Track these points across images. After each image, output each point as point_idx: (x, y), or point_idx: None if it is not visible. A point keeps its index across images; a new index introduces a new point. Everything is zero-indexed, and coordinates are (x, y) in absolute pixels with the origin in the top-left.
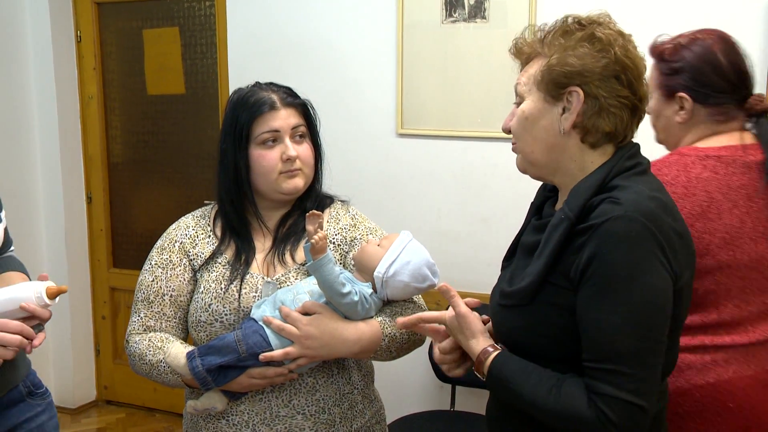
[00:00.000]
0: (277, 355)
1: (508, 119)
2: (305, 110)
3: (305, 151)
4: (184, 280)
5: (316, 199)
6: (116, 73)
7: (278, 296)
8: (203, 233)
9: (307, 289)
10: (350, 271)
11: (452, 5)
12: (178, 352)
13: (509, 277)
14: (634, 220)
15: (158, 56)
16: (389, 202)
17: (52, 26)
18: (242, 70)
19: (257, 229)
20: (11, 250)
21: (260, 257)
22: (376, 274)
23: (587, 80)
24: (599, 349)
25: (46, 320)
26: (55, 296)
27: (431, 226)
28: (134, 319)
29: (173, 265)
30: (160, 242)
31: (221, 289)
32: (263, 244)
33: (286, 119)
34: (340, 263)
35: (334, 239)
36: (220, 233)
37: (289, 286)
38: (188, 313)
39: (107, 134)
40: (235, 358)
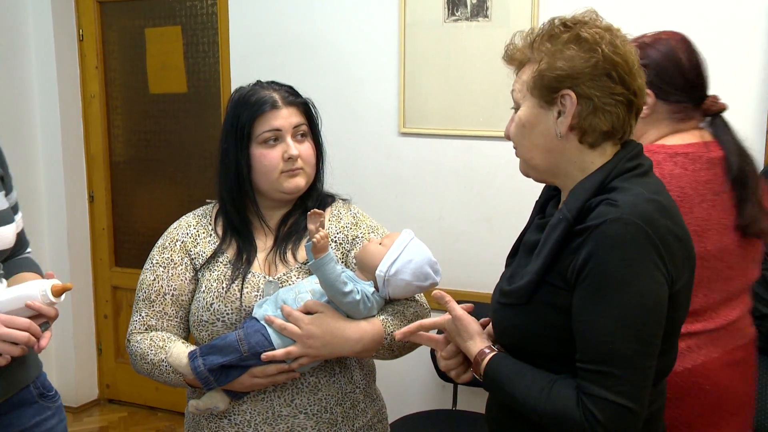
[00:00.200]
0: (279, 354)
1: (509, 125)
2: (307, 109)
3: (307, 150)
4: (185, 279)
5: (317, 198)
6: (118, 71)
7: (280, 295)
8: (204, 232)
9: (308, 288)
10: (352, 269)
11: (454, 4)
12: (179, 351)
13: (509, 275)
14: (630, 223)
15: (160, 55)
16: (391, 201)
17: (54, 25)
18: (244, 68)
19: (259, 228)
20: (28, 251)
21: (262, 256)
22: (377, 272)
23: (578, 82)
24: (591, 350)
25: (52, 318)
26: (60, 294)
27: (433, 224)
28: (135, 318)
29: (174, 264)
30: (161, 241)
31: (223, 288)
32: (265, 243)
33: (287, 118)
34: (342, 262)
35: (335, 238)
36: (221, 232)
37: (290, 285)
38: (190, 312)
39: (109, 133)
40: (237, 357)
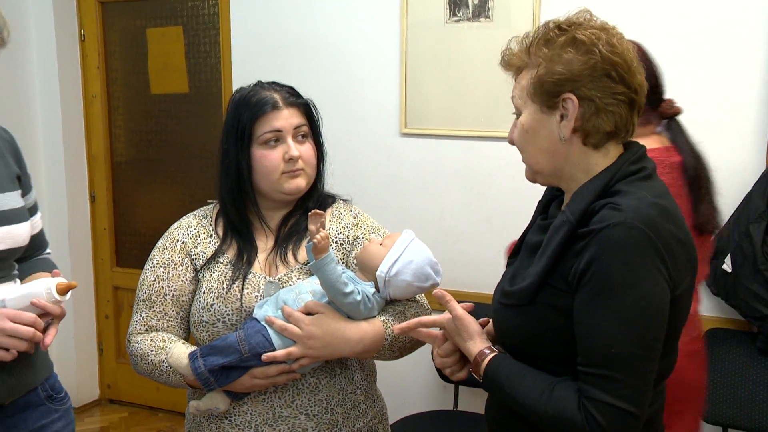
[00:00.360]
0: (279, 355)
1: (512, 131)
2: (307, 110)
3: (307, 151)
4: (185, 279)
5: (318, 198)
6: (120, 71)
7: (280, 296)
8: (205, 233)
9: (309, 288)
10: (353, 270)
11: (456, 4)
12: (180, 352)
13: (511, 275)
14: (633, 227)
15: (162, 55)
16: (392, 201)
17: (55, 25)
18: (246, 69)
19: (259, 228)
20: (47, 252)
21: (262, 257)
22: (378, 273)
23: (578, 84)
24: (593, 354)
25: (58, 316)
26: (65, 292)
27: (434, 225)
28: (136, 318)
29: (175, 264)
30: (161, 242)
31: (223, 288)
32: (265, 243)
33: (288, 119)
34: (342, 262)
35: (336, 238)
36: (221, 233)
37: (291, 285)
38: (190, 313)
39: (111, 133)
40: (237, 358)
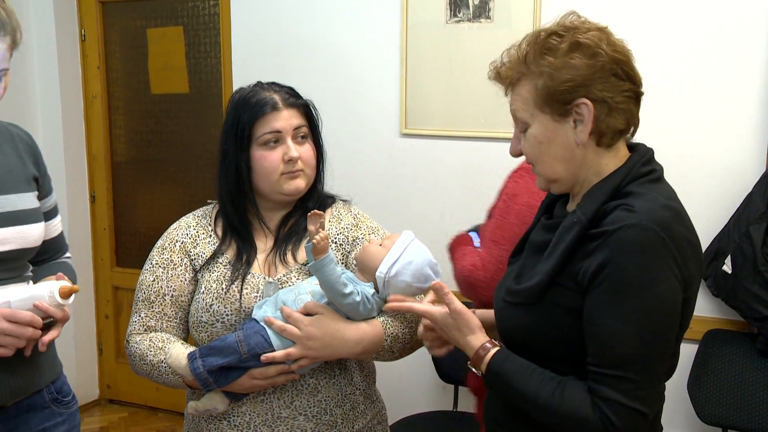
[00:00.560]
0: (278, 355)
1: (514, 144)
2: (307, 111)
3: (307, 151)
4: (185, 280)
5: (317, 199)
6: (120, 72)
7: (280, 296)
8: (204, 233)
9: (308, 289)
10: (352, 271)
11: (457, 5)
12: (179, 352)
13: (517, 274)
14: (648, 229)
15: (162, 55)
16: (393, 202)
17: (56, 25)
18: (246, 69)
19: (258, 229)
20: (66, 256)
21: (262, 257)
22: (377, 274)
23: (590, 88)
24: (607, 354)
25: (61, 320)
26: (68, 296)
27: (434, 226)
28: (135, 319)
29: (174, 264)
30: (160, 242)
31: (222, 289)
32: (265, 244)
33: (288, 120)
34: (342, 263)
35: (336, 239)
36: (221, 233)
37: (290, 286)
38: (189, 313)
39: (111, 133)
40: (236, 358)
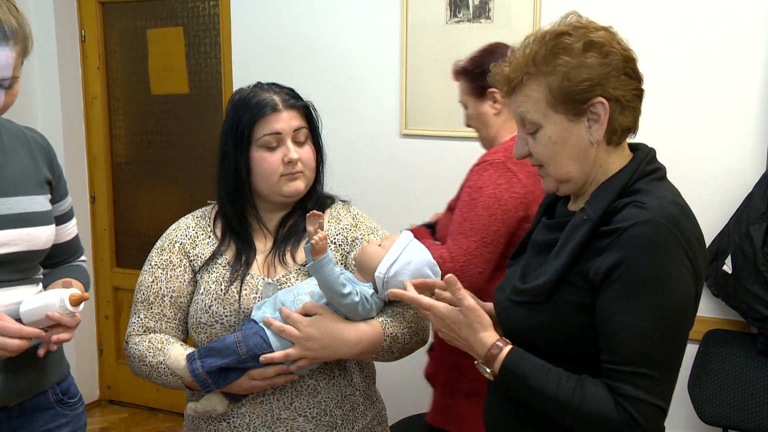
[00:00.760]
0: (277, 356)
1: (520, 146)
2: (307, 112)
3: (307, 153)
4: (184, 281)
5: (317, 199)
6: (120, 72)
7: (279, 297)
8: (203, 234)
9: (307, 290)
10: (352, 271)
11: (457, 5)
12: (178, 353)
13: (521, 274)
14: (660, 225)
15: (162, 56)
16: (393, 202)
17: (56, 25)
18: (246, 69)
19: (258, 229)
20: (81, 260)
21: (261, 258)
22: (376, 274)
23: (605, 87)
24: (625, 351)
25: (73, 326)
26: (78, 303)
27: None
28: (134, 320)
29: (173, 265)
30: (159, 243)
31: (221, 290)
32: (264, 244)
33: (288, 121)
34: (341, 263)
35: (335, 239)
36: (220, 234)
37: (289, 287)
38: (188, 314)
39: (111, 134)
40: (235, 359)
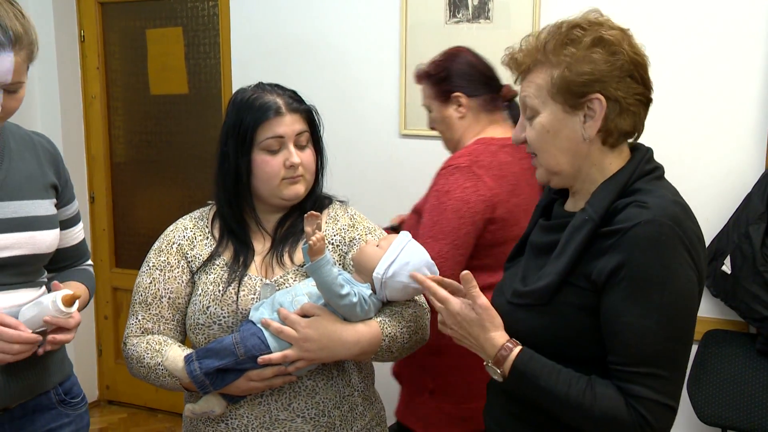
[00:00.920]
0: (275, 357)
1: (518, 131)
2: (310, 116)
3: (308, 157)
4: (182, 282)
5: (315, 200)
6: (119, 72)
7: (277, 298)
8: (201, 235)
9: (305, 290)
10: (350, 272)
11: (456, 6)
12: (175, 355)
13: (521, 276)
14: (663, 224)
15: (161, 56)
16: (392, 202)
17: (55, 26)
18: (246, 70)
19: (256, 230)
20: (88, 263)
21: (258, 259)
22: (374, 275)
23: (606, 85)
24: (633, 352)
25: (73, 326)
26: (70, 303)
27: None
28: (132, 321)
29: (171, 267)
30: (157, 244)
31: (219, 291)
32: (262, 245)
33: (290, 125)
34: (339, 264)
35: (332, 240)
36: (218, 235)
37: (287, 287)
38: (186, 315)
39: (110, 134)
40: (233, 361)
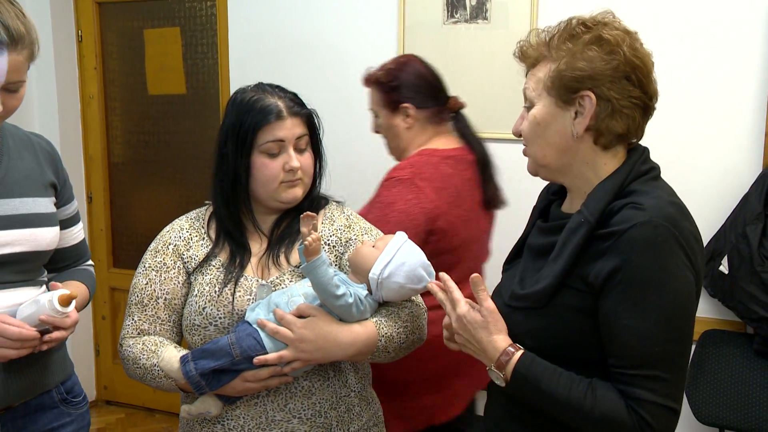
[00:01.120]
0: (271, 358)
1: (518, 122)
2: (310, 120)
3: (307, 160)
4: (178, 283)
5: (312, 201)
6: (117, 72)
7: (272, 299)
8: (197, 235)
9: (301, 291)
10: (345, 272)
11: (454, 6)
12: (171, 356)
13: (519, 279)
14: (659, 225)
15: (159, 56)
16: None
17: (53, 26)
18: (243, 70)
19: (252, 231)
20: (88, 264)
21: (255, 260)
22: (371, 275)
23: (598, 83)
24: (633, 355)
25: (70, 326)
26: (67, 303)
27: None
28: (128, 322)
29: (167, 268)
30: (153, 245)
31: (215, 292)
32: (258, 246)
33: (291, 129)
34: (335, 265)
35: (329, 240)
36: (214, 236)
37: (283, 288)
38: (182, 316)
39: (108, 134)
40: (228, 361)
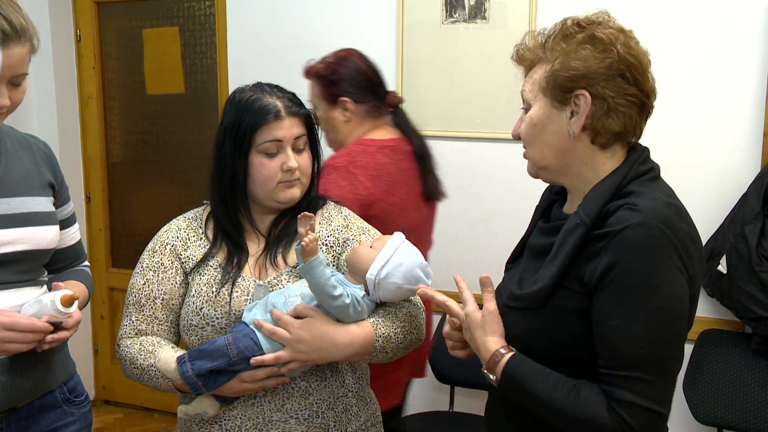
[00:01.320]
0: (268, 359)
1: (517, 125)
2: (308, 120)
3: (305, 160)
4: (175, 283)
5: (309, 201)
6: (116, 72)
7: (270, 299)
8: (195, 236)
9: (299, 292)
10: (343, 273)
11: (452, 6)
12: (168, 356)
13: (518, 279)
14: (653, 227)
15: (158, 56)
16: None
17: (51, 25)
18: (242, 69)
19: (250, 231)
20: (84, 264)
21: (252, 260)
22: (368, 276)
23: (593, 82)
24: (619, 356)
25: (72, 326)
26: (69, 304)
27: None
28: (125, 322)
29: (165, 268)
30: (151, 245)
31: (212, 292)
32: (255, 246)
33: (289, 129)
34: (333, 265)
35: (326, 241)
36: (211, 236)
37: (281, 289)
38: (180, 316)
39: (106, 134)
40: (225, 362)
